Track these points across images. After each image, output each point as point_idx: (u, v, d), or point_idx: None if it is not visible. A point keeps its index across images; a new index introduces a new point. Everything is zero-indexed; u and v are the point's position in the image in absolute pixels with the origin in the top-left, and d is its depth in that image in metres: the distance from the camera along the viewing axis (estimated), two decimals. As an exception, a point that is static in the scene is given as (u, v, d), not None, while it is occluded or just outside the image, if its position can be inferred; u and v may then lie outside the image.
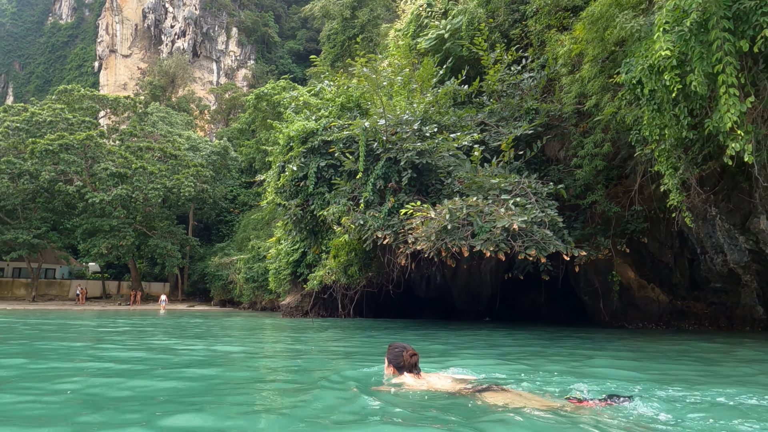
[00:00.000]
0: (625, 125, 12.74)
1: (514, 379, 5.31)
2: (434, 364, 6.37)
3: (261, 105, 58.81)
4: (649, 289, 15.55)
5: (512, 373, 5.85)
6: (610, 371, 6.15)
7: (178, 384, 5.17)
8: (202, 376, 5.72)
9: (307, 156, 14.56)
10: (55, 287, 54.96)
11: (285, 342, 10.97)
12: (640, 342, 10.27)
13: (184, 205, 60.11)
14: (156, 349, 8.81)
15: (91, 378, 5.50)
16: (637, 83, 9.06)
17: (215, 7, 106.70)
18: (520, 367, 6.43)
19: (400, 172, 13.24)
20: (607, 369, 6.33)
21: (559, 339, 10.91)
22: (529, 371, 5.94)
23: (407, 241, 11.84)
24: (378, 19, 37.41)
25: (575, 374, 5.79)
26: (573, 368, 6.35)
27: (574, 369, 6.29)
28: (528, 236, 10.45)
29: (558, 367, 6.40)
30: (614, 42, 13.36)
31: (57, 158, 45.20)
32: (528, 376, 5.61)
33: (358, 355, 8.02)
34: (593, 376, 5.75)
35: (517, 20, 19.16)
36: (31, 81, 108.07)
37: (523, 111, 15.49)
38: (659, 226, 15.41)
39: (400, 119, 13.58)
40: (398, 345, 4.83)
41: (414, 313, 24.44)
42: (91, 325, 16.53)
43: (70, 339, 11.00)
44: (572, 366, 6.56)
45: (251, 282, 45.07)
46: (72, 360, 7.27)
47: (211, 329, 14.49)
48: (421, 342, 9.93)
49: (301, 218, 15.23)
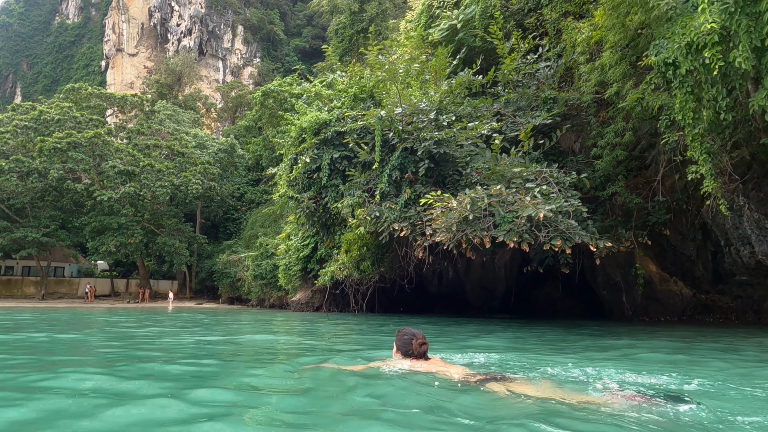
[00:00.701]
0: (650, 112, 12.33)
1: (584, 376, 4.90)
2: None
3: (268, 102, 58.64)
4: (672, 283, 15.14)
5: (574, 369, 5.45)
6: (662, 366, 5.77)
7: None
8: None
9: (320, 147, 14.24)
10: (64, 285, 55.11)
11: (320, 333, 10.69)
12: (685, 335, 9.84)
13: (192, 203, 60.05)
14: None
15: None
16: (669, 64, 8.65)
17: (221, 5, 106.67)
18: (568, 360, 6.08)
19: (417, 162, 12.90)
20: (659, 365, 5.94)
21: (598, 335, 10.39)
22: (582, 366, 5.55)
23: (425, 233, 11.51)
24: (386, 12, 37.02)
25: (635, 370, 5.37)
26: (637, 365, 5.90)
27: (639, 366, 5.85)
28: (552, 226, 10.08)
29: (622, 364, 5.95)
30: (637, 26, 12.95)
31: (65, 156, 45.22)
32: (583, 370, 5.22)
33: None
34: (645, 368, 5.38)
35: (531, 9, 18.75)
36: (38, 81, 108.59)
37: (540, 101, 15.10)
38: (681, 218, 15.00)
39: (417, 108, 13.22)
40: (407, 331, 4.57)
41: (426, 308, 24.13)
42: (115, 321, 16.32)
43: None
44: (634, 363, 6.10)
45: (259, 279, 44.92)
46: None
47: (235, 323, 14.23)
48: (453, 342, 9.39)
49: (314, 211, 14.90)
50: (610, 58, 13.28)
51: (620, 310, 16.88)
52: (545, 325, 13.93)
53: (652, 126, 14.06)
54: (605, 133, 14.00)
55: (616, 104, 13.69)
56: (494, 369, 5.12)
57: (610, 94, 13.29)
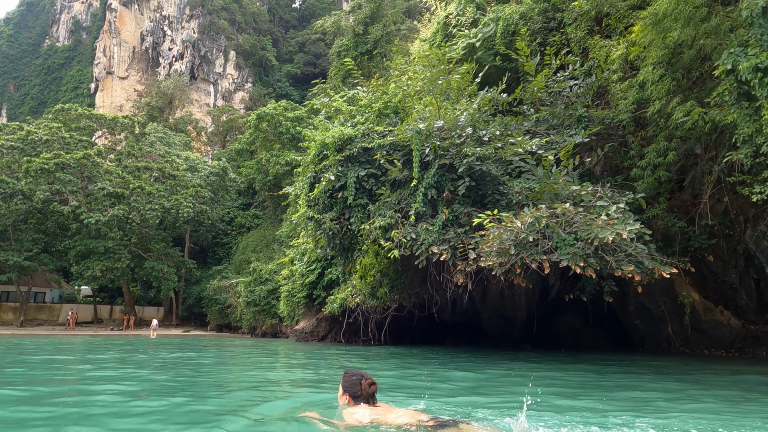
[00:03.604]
0: (699, 130, 11.63)
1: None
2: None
3: (262, 125, 57.91)
4: (718, 312, 14.24)
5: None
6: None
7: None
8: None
9: (345, 165, 13.27)
10: (44, 311, 52.62)
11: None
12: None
13: (181, 227, 58.46)
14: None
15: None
16: (754, 71, 7.94)
17: (214, 30, 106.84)
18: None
19: (455, 180, 11.97)
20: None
21: (661, 373, 9.17)
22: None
23: (467, 257, 10.51)
24: (390, 35, 36.78)
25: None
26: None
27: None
28: (620, 250, 9.18)
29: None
30: (679, 42, 12.38)
31: (52, 177, 43.65)
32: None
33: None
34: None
35: (552, 29, 18.29)
36: (25, 102, 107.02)
37: (574, 119, 14.40)
38: (722, 244, 14.22)
39: (456, 123, 12.36)
40: (355, 372, 4.48)
41: (437, 338, 22.93)
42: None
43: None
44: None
45: (252, 306, 43.26)
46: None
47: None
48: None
49: (336, 233, 13.80)
50: (652, 75, 12.65)
51: (654, 342, 15.91)
52: (583, 360, 12.86)
53: (697, 145, 13.39)
54: (645, 153, 13.29)
55: (658, 122, 13.02)
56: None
57: (652, 111, 12.61)
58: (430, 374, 8.61)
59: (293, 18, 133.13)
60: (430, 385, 7.26)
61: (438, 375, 8.53)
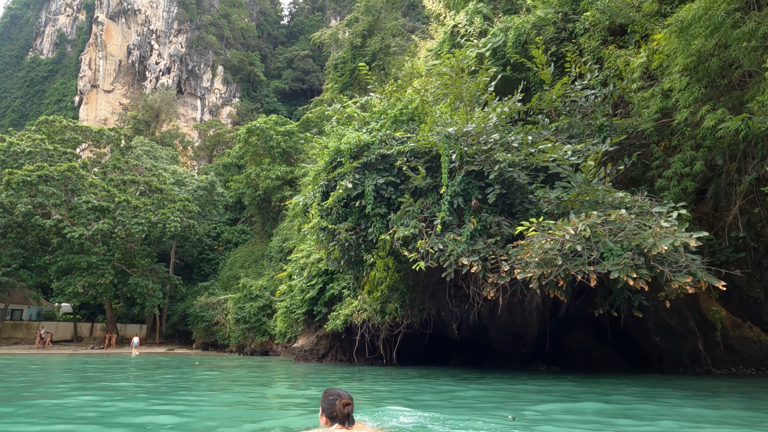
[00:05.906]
0: (729, 138, 11.26)
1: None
2: None
3: (252, 139, 57.15)
4: (746, 328, 13.77)
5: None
6: None
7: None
8: None
9: (362, 172, 12.61)
10: (21, 330, 50.43)
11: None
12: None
13: (166, 243, 56.94)
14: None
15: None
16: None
17: (202, 45, 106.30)
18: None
19: (483, 188, 11.38)
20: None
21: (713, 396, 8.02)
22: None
23: (499, 268, 9.88)
24: (389, 48, 36.55)
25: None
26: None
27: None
28: (672, 261, 8.64)
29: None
30: (703, 48, 12.10)
31: (35, 190, 42.15)
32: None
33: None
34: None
35: (564, 39, 18.05)
36: (6, 115, 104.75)
37: (595, 128, 14.01)
38: (747, 257, 13.83)
39: (486, 126, 11.83)
40: (333, 392, 4.45)
41: (442, 357, 22.14)
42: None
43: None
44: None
45: (242, 323, 41.91)
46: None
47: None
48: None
49: (351, 244, 13.03)
50: (679, 82, 12.32)
51: (675, 360, 15.36)
52: (628, 383, 11.99)
53: (719, 156, 13.04)
54: (671, 163, 12.90)
55: (684, 131, 12.66)
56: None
57: (680, 120, 12.25)
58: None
59: (281, 34, 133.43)
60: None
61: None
